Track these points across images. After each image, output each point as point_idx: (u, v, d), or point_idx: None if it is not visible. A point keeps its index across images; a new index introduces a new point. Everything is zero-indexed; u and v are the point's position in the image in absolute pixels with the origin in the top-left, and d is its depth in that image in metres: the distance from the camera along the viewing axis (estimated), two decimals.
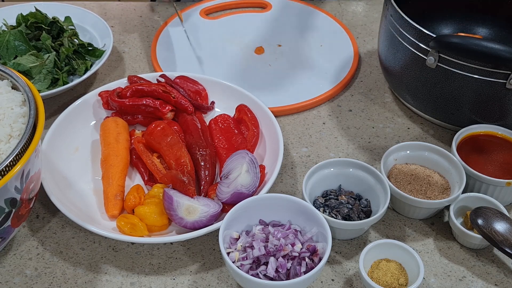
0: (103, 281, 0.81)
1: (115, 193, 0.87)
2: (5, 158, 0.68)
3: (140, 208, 0.83)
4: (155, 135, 0.93)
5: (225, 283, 0.80)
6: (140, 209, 0.83)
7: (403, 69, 0.99)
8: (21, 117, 0.76)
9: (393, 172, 0.91)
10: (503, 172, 0.90)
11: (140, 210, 0.83)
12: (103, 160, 0.92)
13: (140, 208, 0.83)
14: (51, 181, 0.86)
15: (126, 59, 1.18)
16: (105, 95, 1.00)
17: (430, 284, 0.81)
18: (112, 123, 0.96)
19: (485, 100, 0.92)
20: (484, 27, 1.15)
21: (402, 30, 0.95)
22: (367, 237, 0.86)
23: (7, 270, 0.81)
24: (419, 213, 0.87)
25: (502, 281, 0.81)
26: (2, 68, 0.81)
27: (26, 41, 1.06)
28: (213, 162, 0.92)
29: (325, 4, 1.34)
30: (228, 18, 1.28)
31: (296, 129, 1.04)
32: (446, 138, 1.02)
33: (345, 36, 1.23)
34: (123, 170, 0.90)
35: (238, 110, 1.00)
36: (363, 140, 1.02)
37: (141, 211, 0.83)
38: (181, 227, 0.82)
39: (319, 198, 0.86)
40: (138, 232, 0.82)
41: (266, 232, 0.79)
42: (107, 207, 0.86)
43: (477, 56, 0.86)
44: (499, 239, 0.80)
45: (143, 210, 0.83)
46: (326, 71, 1.14)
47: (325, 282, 0.81)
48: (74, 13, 1.18)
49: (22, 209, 0.75)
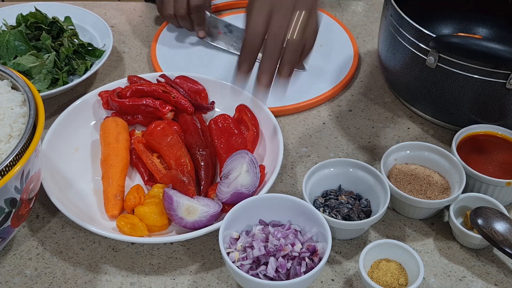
0: (103, 281, 0.81)
1: (115, 193, 0.87)
2: (5, 158, 0.68)
3: (140, 208, 0.83)
4: (155, 135, 0.93)
5: (225, 283, 0.80)
6: (140, 209, 0.83)
7: (403, 69, 0.99)
8: (21, 117, 0.76)
9: (393, 172, 0.91)
10: (503, 172, 0.90)
11: (140, 210, 0.83)
12: (103, 160, 0.92)
13: (140, 208, 0.83)
14: (51, 181, 0.86)
15: (126, 59, 1.18)
16: (105, 95, 1.00)
17: (430, 284, 0.81)
18: (112, 123, 0.96)
19: (485, 100, 0.92)
20: (484, 27, 1.15)
21: (402, 30, 0.95)
22: (367, 237, 0.86)
23: (7, 270, 0.81)
24: (419, 213, 0.87)
25: (502, 281, 0.81)
26: (2, 68, 0.81)
27: (26, 41, 1.06)
28: (213, 162, 0.92)
29: (325, 4, 1.34)
30: (229, 18, 1.28)
31: (296, 129, 1.04)
32: (446, 138, 1.02)
33: (345, 36, 1.23)
34: (123, 170, 0.90)
35: (238, 110, 1.00)
36: (363, 140, 1.02)
37: (141, 211, 0.83)
38: (181, 227, 0.82)
39: (319, 198, 0.86)
40: (138, 232, 0.82)
41: (266, 232, 0.79)
42: (107, 207, 0.86)
43: (477, 56, 0.86)
44: (499, 239, 0.80)
45: (143, 210, 0.83)
46: (326, 71, 1.14)
47: (325, 282, 0.81)
48: (74, 13, 1.18)
49: (22, 209, 0.75)
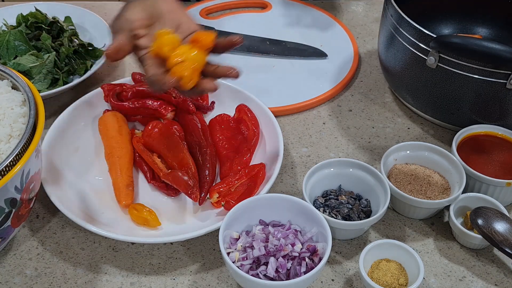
0: (103, 281, 0.81)
1: (126, 183, 0.87)
2: (5, 158, 0.68)
3: None
4: (153, 137, 0.93)
5: (225, 283, 0.80)
6: None
7: (403, 69, 0.99)
8: (21, 117, 0.76)
9: (393, 172, 0.91)
10: (503, 172, 0.90)
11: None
12: (108, 153, 0.92)
13: None
14: (51, 181, 0.86)
15: (126, 59, 1.18)
16: (108, 88, 1.00)
17: (430, 284, 0.81)
18: (112, 117, 0.96)
19: (485, 100, 0.92)
20: (484, 27, 1.15)
21: (402, 30, 0.95)
22: (367, 237, 0.86)
23: (7, 270, 0.81)
24: (419, 213, 0.87)
25: (502, 281, 0.81)
26: (2, 68, 0.81)
27: (26, 41, 1.06)
28: (213, 162, 0.92)
29: (325, 4, 1.34)
30: (228, 18, 1.28)
31: (296, 129, 1.04)
32: (446, 138, 1.02)
33: (345, 36, 1.23)
34: (130, 162, 0.91)
35: (238, 110, 1.00)
36: (363, 140, 1.02)
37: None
38: None
39: (319, 198, 0.86)
40: (151, 224, 0.83)
41: (266, 232, 0.79)
42: (119, 197, 0.86)
43: (477, 56, 0.86)
44: (499, 239, 0.80)
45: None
46: (326, 71, 1.14)
47: (325, 282, 0.81)
48: (74, 13, 1.18)
49: (22, 209, 0.75)
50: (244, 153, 0.93)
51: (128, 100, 0.98)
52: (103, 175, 0.92)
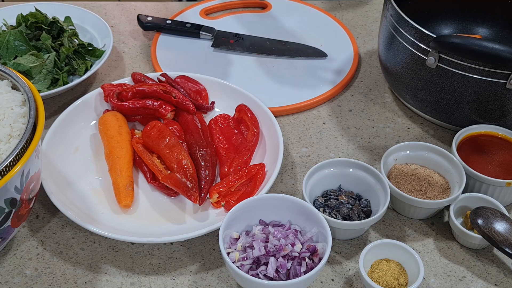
0: (103, 281, 0.81)
1: (126, 184, 0.87)
2: (5, 158, 0.68)
3: None
4: (152, 137, 0.93)
5: (225, 283, 0.80)
6: None
7: (403, 69, 0.99)
8: (21, 117, 0.76)
9: (393, 172, 0.91)
10: (503, 172, 0.90)
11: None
12: (108, 153, 0.92)
13: None
14: (51, 181, 0.86)
15: (126, 59, 1.18)
16: (108, 88, 1.00)
17: (430, 284, 0.81)
18: (111, 117, 0.96)
19: (485, 100, 0.92)
20: (484, 27, 1.15)
21: (402, 30, 0.95)
22: (367, 237, 0.86)
23: (7, 270, 0.81)
24: (419, 213, 0.87)
25: (502, 281, 0.81)
26: (2, 68, 0.81)
27: (26, 41, 1.06)
28: (213, 162, 0.92)
29: (325, 4, 1.34)
30: (228, 18, 1.28)
31: (296, 129, 1.04)
32: (446, 138, 1.02)
33: (345, 36, 1.23)
34: (130, 162, 0.91)
35: (238, 110, 1.00)
36: (363, 140, 1.02)
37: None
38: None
39: (319, 198, 0.86)
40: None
41: (266, 232, 0.79)
42: (119, 198, 0.86)
43: (477, 56, 0.86)
44: (499, 239, 0.80)
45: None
46: (326, 71, 1.14)
47: (325, 282, 0.81)
48: (74, 13, 1.19)
49: (22, 209, 0.75)
50: (244, 153, 0.93)
51: (128, 100, 0.98)
52: (103, 175, 0.92)
